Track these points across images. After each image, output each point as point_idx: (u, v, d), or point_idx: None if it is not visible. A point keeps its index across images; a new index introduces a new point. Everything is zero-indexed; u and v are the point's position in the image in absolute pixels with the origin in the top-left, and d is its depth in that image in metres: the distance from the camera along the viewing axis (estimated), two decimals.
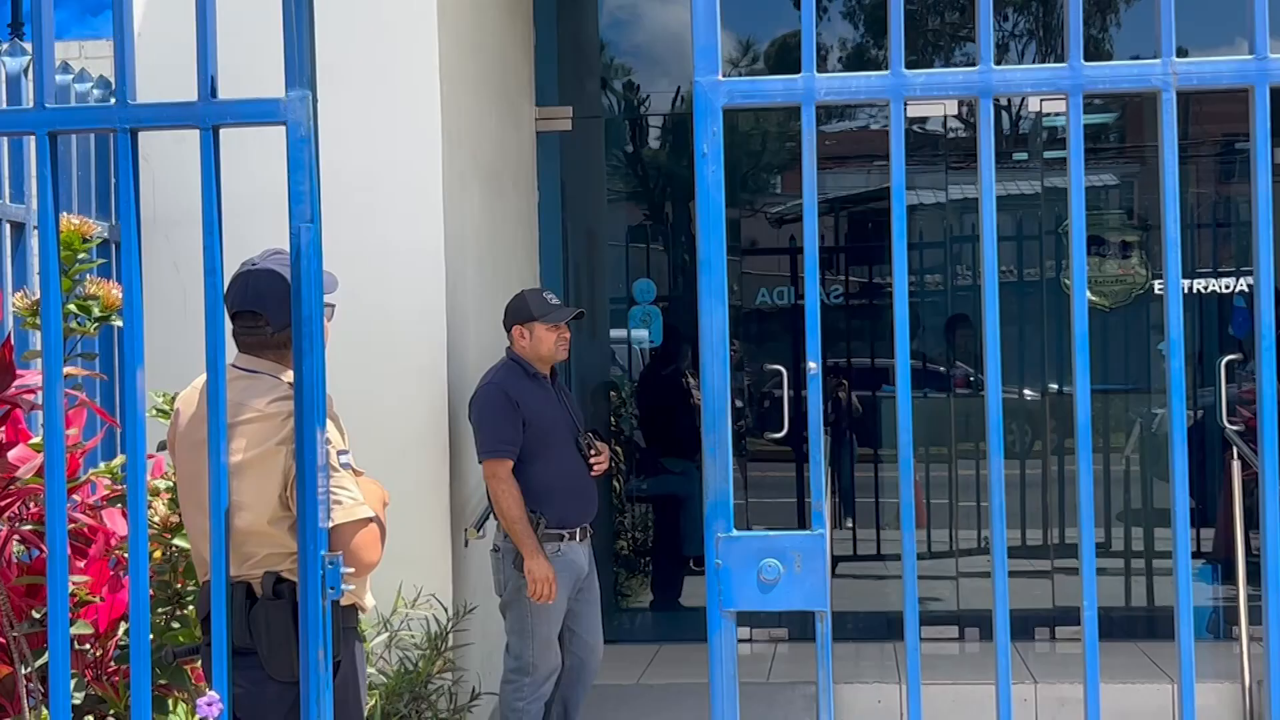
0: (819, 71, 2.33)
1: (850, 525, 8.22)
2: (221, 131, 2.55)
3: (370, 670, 5.17)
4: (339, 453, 3.38)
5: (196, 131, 2.55)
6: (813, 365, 2.31)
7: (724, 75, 2.35)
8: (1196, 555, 7.67)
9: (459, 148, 6.00)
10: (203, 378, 3.33)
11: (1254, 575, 6.05)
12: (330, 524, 2.78)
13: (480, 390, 5.52)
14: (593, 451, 5.56)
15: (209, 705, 2.55)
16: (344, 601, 3.40)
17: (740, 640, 7.16)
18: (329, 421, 2.74)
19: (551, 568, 5.31)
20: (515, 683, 5.45)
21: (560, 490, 5.44)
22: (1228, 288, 7.85)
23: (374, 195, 5.68)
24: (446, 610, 5.63)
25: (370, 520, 3.42)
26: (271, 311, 3.49)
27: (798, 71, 2.35)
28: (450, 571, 5.71)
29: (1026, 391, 7.90)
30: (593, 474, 5.58)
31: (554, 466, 5.44)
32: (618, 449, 8.29)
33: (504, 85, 6.97)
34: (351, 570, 2.92)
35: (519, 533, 5.30)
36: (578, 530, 5.49)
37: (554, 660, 5.48)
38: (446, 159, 5.78)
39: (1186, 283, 7.63)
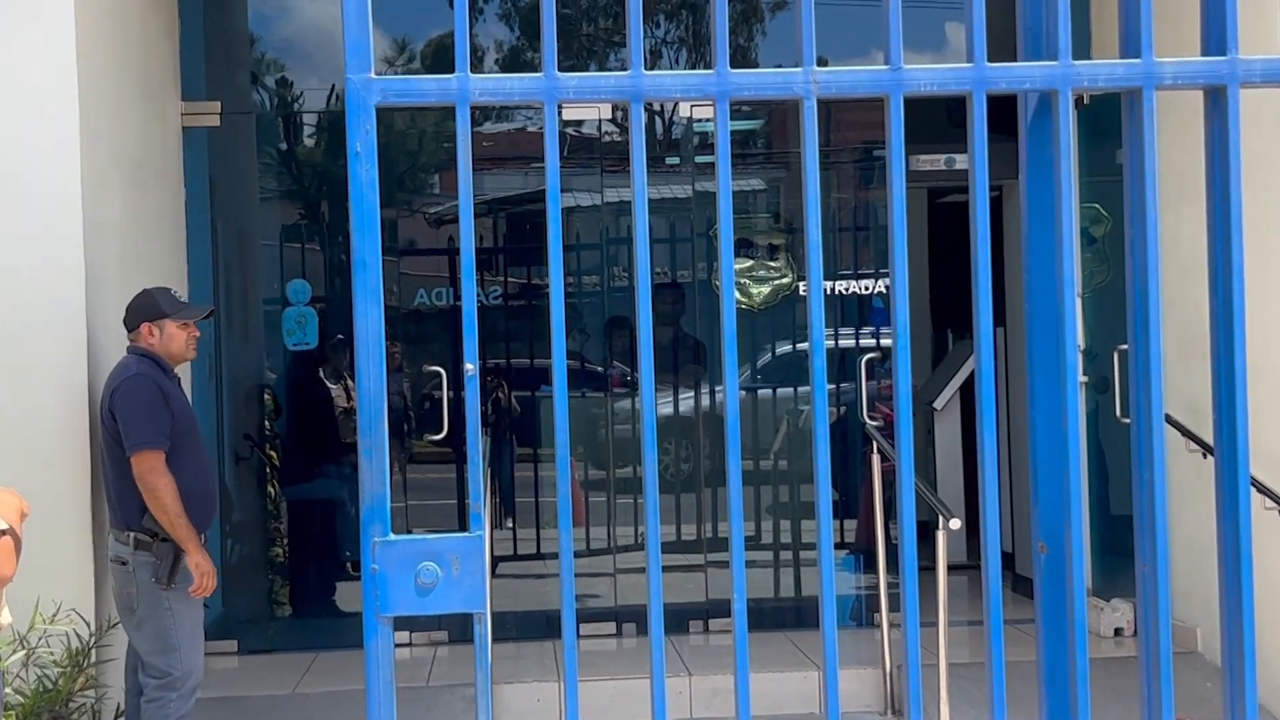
0: (474, 72, 2.32)
1: (511, 525, 8.26)
2: None
3: (6, 690, 4.92)
4: None
5: None
6: (469, 366, 2.29)
7: (378, 74, 2.31)
8: (840, 546, 8.00)
9: (99, 142, 5.75)
10: None
11: (893, 564, 6.35)
12: None
13: (127, 382, 5.28)
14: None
15: None
16: None
17: (400, 644, 7.12)
18: None
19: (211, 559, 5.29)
20: (161, 700, 5.22)
21: (196, 492, 5.31)
22: (867, 288, 8.22)
23: (6, 191, 5.40)
24: (89, 625, 5.40)
25: (4, 533, 3.25)
26: None
27: (453, 72, 2.33)
28: (92, 584, 5.48)
29: (681, 390, 8.10)
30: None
31: (189, 467, 5.32)
32: (273, 453, 8.10)
33: (147, 78, 6.72)
34: None
35: (182, 526, 5.16)
36: (204, 535, 5.39)
37: (200, 665, 5.35)
38: (85, 154, 5.54)
39: (828, 284, 7.95)
